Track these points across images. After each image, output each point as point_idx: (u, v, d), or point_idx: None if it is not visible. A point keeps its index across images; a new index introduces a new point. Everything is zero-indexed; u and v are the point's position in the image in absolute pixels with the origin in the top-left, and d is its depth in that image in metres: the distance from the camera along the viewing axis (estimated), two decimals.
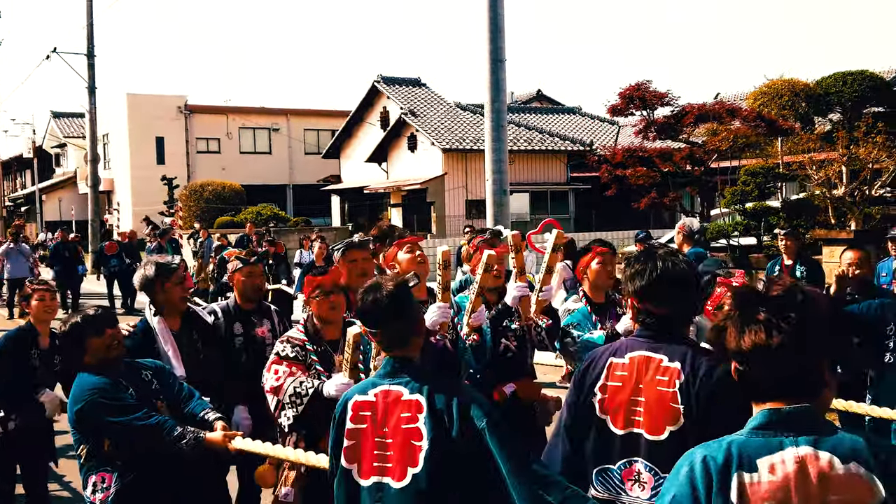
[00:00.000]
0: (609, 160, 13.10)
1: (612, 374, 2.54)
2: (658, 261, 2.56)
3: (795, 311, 1.71)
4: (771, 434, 1.70)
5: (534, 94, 37.27)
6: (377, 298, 2.64)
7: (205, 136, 35.67)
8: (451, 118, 26.94)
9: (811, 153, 11.04)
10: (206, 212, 26.92)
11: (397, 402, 2.54)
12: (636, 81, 12.58)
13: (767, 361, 1.70)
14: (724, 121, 11.93)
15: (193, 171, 34.52)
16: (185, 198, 27.94)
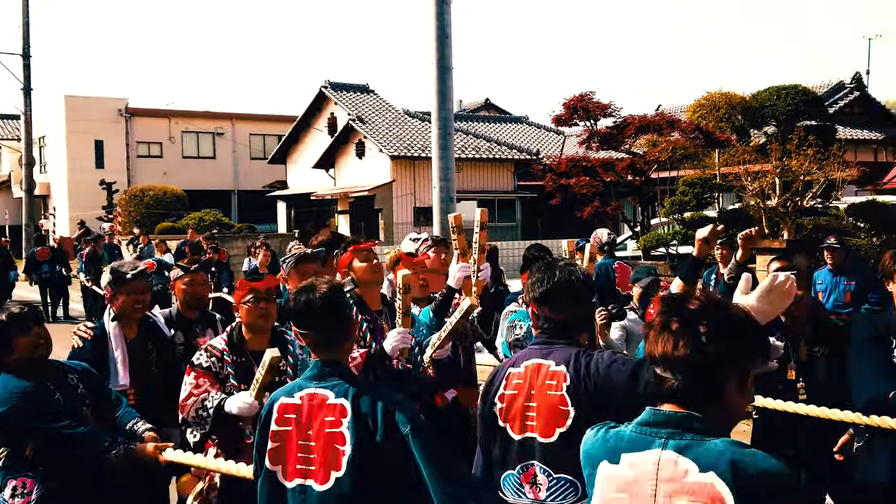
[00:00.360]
0: (554, 169, 13.32)
1: (510, 383, 2.68)
2: (556, 270, 2.73)
3: (706, 321, 1.78)
4: (647, 432, 1.79)
5: (482, 102, 37.57)
6: (309, 300, 2.64)
7: (146, 139, 34.99)
8: (400, 125, 26.99)
9: (747, 165, 11.41)
10: (147, 217, 26.42)
11: (322, 405, 2.55)
12: (580, 93, 12.86)
13: (671, 369, 1.78)
14: (664, 132, 12.25)
15: (134, 176, 33.82)
16: (124, 203, 27.38)
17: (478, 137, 27.34)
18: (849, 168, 11.36)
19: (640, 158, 12.57)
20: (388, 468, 2.50)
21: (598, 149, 13.25)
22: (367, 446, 2.49)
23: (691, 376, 1.77)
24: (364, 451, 2.48)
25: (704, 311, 1.80)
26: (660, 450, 1.76)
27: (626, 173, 12.46)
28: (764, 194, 10.62)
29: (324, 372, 2.61)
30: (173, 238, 19.33)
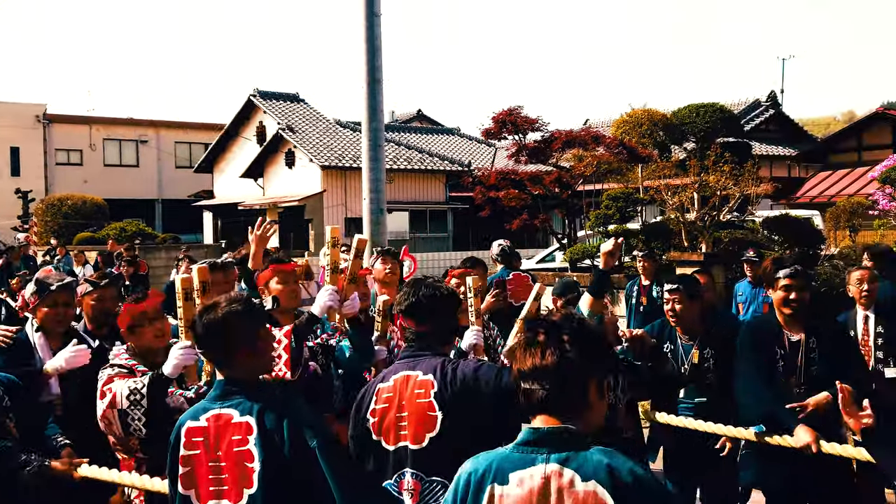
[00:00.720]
0: (483, 182, 13.51)
1: (380, 397, 2.84)
2: (422, 285, 3.01)
3: (567, 335, 1.92)
4: (529, 450, 1.90)
5: (414, 113, 37.71)
6: (209, 318, 2.63)
7: (65, 147, 33.91)
8: (331, 135, 26.88)
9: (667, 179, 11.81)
10: (65, 227, 25.53)
11: (228, 425, 2.55)
12: (509, 107, 13.09)
13: (539, 380, 1.90)
14: (590, 147, 12.59)
15: (52, 184, 32.73)
16: (41, 212, 26.37)
17: (410, 148, 27.45)
18: (763, 183, 11.86)
19: (566, 172, 12.88)
20: (299, 482, 2.53)
21: (526, 162, 13.50)
22: (276, 461, 2.51)
23: (560, 384, 1.89)
24: (274, 466, 2.50)
25: (565, 323, 1.95)
26: (544, 465, 1.86)
27: (553, 186, 12.73)
28: (683, 208, 11.03)
29: (227, 391, 2.60)
30: (92, 249, 18.80)
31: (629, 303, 8.78)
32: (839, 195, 21.21)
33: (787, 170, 26.55)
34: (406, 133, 31.24)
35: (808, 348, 4.17)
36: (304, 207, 25.17)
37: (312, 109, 28.48)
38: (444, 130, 33.97)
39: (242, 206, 26.95)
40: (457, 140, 32.62)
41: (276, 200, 25.85)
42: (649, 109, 15.05)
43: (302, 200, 24.86)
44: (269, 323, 3.67)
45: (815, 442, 3.80)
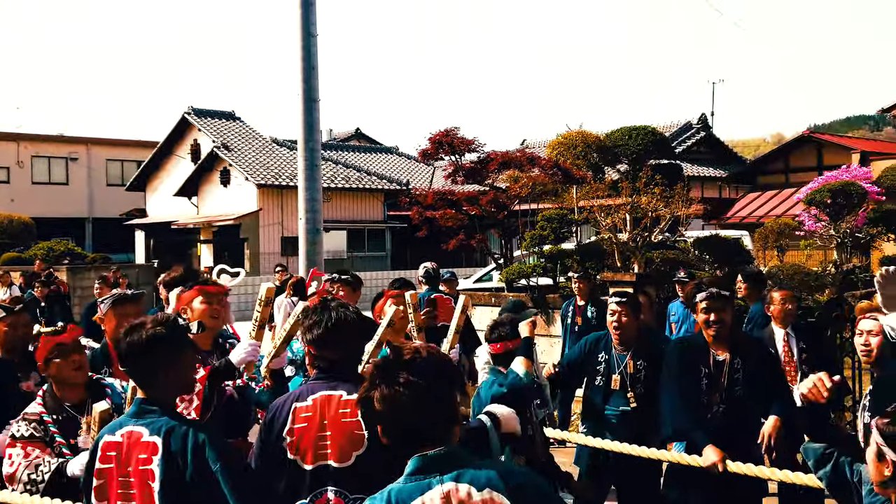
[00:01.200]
0: (420, 202, 13.51)
1: (298, 417, 2.83)
2: (332, 312, 2.96)
3: (420, 373, 2.03)
4: (422, 477, 1.99)
5: (353, 132, 37.61)
6: (133, 339, 2.73)
7: None
8: (267, 153, 26.60)
9: (600, 200, 11.99)
10: None
11: (137, 442, 2.65)
12: (445, 128, 13.13)
13: (407, 417, 2.02)
14: (525, 168, 12.70)
15: None
16: None
17: (348, 167, 27.34)
18: (694, 204, 12.14)
19: (502, 193, 12.97)
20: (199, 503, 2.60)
21: (463, 182, 13.55)
22: (176, 483, 2.58)
23: (427, 419, 2.02)
24: (173, 488, 2.57)
25: (420, 363, 2.06)
26: (440, 485, 1.97)
27: (489, 207, 12.80)
28: (616, 229, 11.20)
29: (142, 409, 2.71)
30: (17, 269, 18.14)
31: (564, 323, 8.84)
32: (768, 216, 21.86)
33: (718, 191, 27.29)
34: (344, 152, 31.13)
35: (732, 368, 4.32)
36: (240, 226, 24.81)
37: (248, 127, 28.17)
38: (383, 149, 33.97)
39: (176, 224, 26.42)
40: (395, 159, 32.64)
41: (211, 219, 25.41)
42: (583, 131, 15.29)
43: (237, 219, 24.50)
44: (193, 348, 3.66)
45: (722, 462, 3.93)
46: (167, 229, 27.13)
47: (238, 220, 24.53)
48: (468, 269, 20.34)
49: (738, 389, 4.29)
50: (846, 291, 9.67)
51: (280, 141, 27.67)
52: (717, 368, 4.33)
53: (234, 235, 25.14)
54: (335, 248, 24.86)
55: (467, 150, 13.37)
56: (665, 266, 10.97)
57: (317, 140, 11.97)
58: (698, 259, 11.51)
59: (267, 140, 27.59)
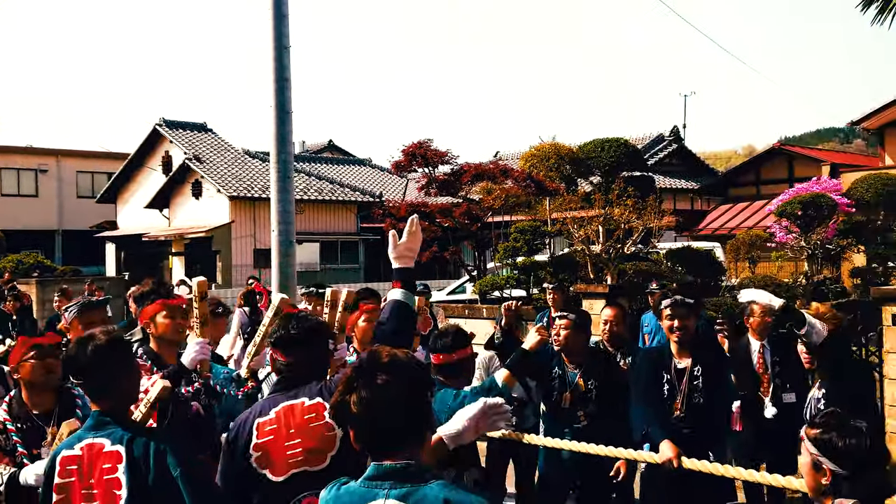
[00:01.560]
0: (393, 214, 13.47)
1: (262, 431, 2.82)
2: (295, 319, 3.05)
3: (398, 376, 2.06)
4: (373, 485, 2.03)
5: (325, 144, 37.51)
6: (83, 351, 2.77)
7: None
8: (239, 165, 26.42)
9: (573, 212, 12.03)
10: None
11: (100, 454, 2.66)
12: (419, 140, 13.14)
13: (381, 420, 2.04)
14: (498, 180, 12.73)
15: None
16: None
17: (321, 179, 27.22)
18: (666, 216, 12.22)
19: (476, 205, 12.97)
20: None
21: (436, 194, 13.54)
22: (141, 489, 2.62)
23: (409, 421, 2.06)
24: (139, 494, 2.61)
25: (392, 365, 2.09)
26: (383, 500, 2.00)
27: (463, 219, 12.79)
28: (589, 241, 11.23)
29: (100, 421, 2.73)
30: None
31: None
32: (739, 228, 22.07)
33: (690, 203, 27.52)
34: (317, 163, 31.02)
35: (691, 376, 4.43)
36: (212, 238, 24.58)
37: (220, 139, 27.97)
38: (356, 161, 33.89)
39: (147, 237, 26.12)
40: (368, 171, 32.57)
41: (183, 231, 25.16)
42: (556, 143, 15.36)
43: (209, 231, 24.28)
44: (151, 358, 3.72)
45: (677, 458, 4.02)
46: (138, 242, 26.81)
47: (210, 233, 24.30)
48: (441, 281, 20.28)
49: (696, 396, 4.39)
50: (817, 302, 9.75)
51: (252, 153, 27.50)
52: (677, 375, 4.45)
53: (207, 248, 24.89)
54: (308, 260, 24.70)
55: (440, 162, 13.37)
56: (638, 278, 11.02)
57: (289, 152, 11.86)
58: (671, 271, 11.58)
59: (239, 152, 27.41)
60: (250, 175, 25.86)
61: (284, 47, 11.79)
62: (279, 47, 11.73)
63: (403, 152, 13.33)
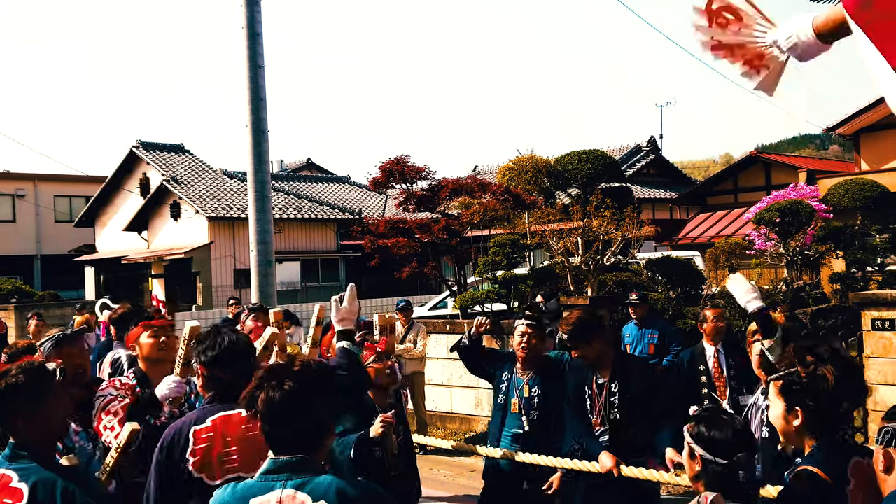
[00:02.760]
0: (372, 231, 13.40)
1: (199, 438, 2.95)
2: (224, 335, 3.16)
3: (303, 383, 2.29)
4: (271, 478, 2.25)
5: (304, 162, 37.44)
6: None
7: None
8: (217, 185, 26.29)
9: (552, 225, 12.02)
10: None
11: (5, 487, 2.61)
12: (396, 156, 13.10)
13: (283, 420, 2.27)
14: (477, 195, 12.71)
15: None
16: None
17: (299, 197, 27.13)
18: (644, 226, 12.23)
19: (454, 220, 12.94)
20: None
21: (414, 210, 13.49)
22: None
23: (308, 424, 2.30)
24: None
25: (301, 374, 2.32)
26: (280, 490, 2.23)
27: (442, 234, 12.75)
28: (568, 253, 11.22)
29: (15, 454, 2.70)
30: None
31: None
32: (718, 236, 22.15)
33: (669, 212, 27.64)
34: (295, 182, 30.91)
35: (609, 391, 4.53)
36: (192, 260, 24.39)
37: (198, 160, 27.83)
38: (335, 179, 33.82)
39: (126, 259, 25.90)
40: (347, 188, 32.51)
41: (162, 253, 24.96)
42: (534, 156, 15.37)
43: (189, 253, 24.10)
44: (138, 378, 3.83)
45: (616, 466, 4.29)
46: (117, 265, 26.58)
47: (189, 254, 24.12)
48: (423, 296, 20.20)
49: (614, 412, 4.49)
50: (797, 308, 9.79)
51: (230, 173, 27.37)
52: (598, 391, 4.57)
53: (186, 269, 24.69)
54: (288, 278, 24.57)
55: (418, 177, 13.34)
56: (618, 288, 11.00)
57: (266, 171, 11.81)
58: (651, 281, 11.58)
59: (217, 172, 27.29)
60: (229, 195, 25.74)
61: (259, 66, 11.78)
62: (254, 66, 11.71)
63: (381, 168, 13.29)
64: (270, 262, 11.95)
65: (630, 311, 8.65)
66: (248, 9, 11.52)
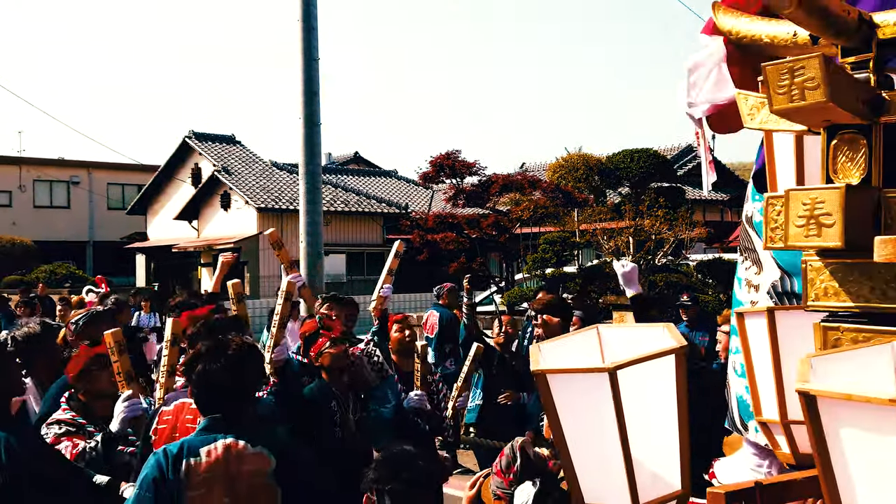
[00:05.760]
0: (421, 225, 13.44)
1: (161, 419, 3.32)
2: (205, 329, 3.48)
3: (233, 362, 2.73)
4: (211, 432, 2.69)
5: (351, 156, 37.65)
6: None
7: None
8: (267, 177, 26.60)
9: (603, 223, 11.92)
10: None
11: None
12: (447, 151, 13.12)
13: (214, 390, 2.74)
14: (526, 191, 12.67)
15: None
16: None
17: (347, 191, 27.31)
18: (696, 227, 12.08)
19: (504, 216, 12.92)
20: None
21: (463, 205, 13.50)
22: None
23: (235, 395, 2.75)
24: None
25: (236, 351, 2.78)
26: (223, 439, 2.67)
27: (490, 230, 12.74)
28: (619, 252, 11.13)
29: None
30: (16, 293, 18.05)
31: None
32: None
33: (720, 214, 27.18)
34: (343, 175, 31.12)
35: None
36: (240, 250, 24.73)
37: (248, 151, 28.19)
38: (382, 173, 33.95)
39: (176, 248, 26.36)
40: (394, 182, 32.61)
41: (211, 242, 25.36)
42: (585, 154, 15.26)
43: (237, 243, 24.44)
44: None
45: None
46: (168, 253, 27.07)
47: (238, 244, 24.46)
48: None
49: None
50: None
51: (280, 165, 27.68)
52: None
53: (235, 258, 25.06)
54: (334, 271, 24.76)
55: (468, 173, 13.34)
56: (668, 289, 10.89)
57: (318, 164, 11.91)
58: (701, 283, 11.43)
59: (267, 164, 27.61)
60: (278, 187, 26.03)
61: (313, 59, 11.86)
62: (308, 59, 11.78)
63: (431, 163, 13.32)
64: (320, 253, 12.06)
65: (681, 313, 8.53)
66: (303, 2, 11.62)
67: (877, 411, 0.97)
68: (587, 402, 1.31)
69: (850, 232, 1.24)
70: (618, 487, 1.32)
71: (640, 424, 1.32)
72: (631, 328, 1.48)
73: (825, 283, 1.35)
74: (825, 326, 1.35)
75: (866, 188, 1.30)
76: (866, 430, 1.00)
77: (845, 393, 1.01)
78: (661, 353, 1.33)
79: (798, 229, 1.29)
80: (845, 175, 1.33)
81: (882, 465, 0.99)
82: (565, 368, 1.34)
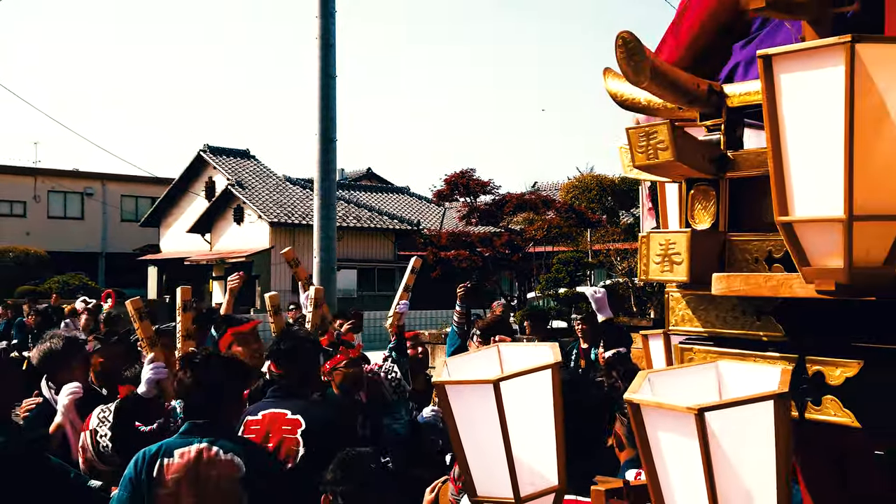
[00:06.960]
0: (434, 242, 13.51)
1: (248, 428, 3.37)
2: (287, 335, 3.62)
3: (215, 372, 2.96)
4: (189, 436, 2.86)
5: (364, 172, 37.81)
6: None
7: (8, 198, 33.02)
8: (280, 191, 26.77)
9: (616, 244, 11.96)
10: (4, 280, 24.77)
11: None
12: (461, 170, 13.21)
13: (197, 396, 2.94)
14: (540, 211, 12.74)
15: None
16: None
17: (359, 206, 27.44)
18: None
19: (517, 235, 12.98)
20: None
21: (477, 223, 13.58)
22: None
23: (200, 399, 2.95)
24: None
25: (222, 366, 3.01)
26: (198, 444, 2.84)
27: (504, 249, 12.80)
28: (632, 273, 11.16)
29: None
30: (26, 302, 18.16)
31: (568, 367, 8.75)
32: None
33: None
34: (356, 191, 31.27)
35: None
36: (252, 263, 24.86)
37: (262, 166, 28.38)
38: (394, 189, 34.09)
39: (189, 261, 26.52)
40: (406, 199, 32.73)
41: (224, 256, 25.50)
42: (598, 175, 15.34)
43: (250, 256, 24.58)
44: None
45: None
46: (180, 265, 27.22)
47: (250, 258, 24.59)
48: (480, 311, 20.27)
49: None
50: None
51: (293, 179, 27.85)
52: None
53: (247, 272, 25.13)
54: (346, 286, 24.83)
55: (482, 191, 13.42)
56: None
57: (332, 181, 12.01)
58: None
59: (280, 178, 27.79)
60: (291, 201, 26.18)
61: (330, 76, 11.98)
62: (325, 76, 11.91)
63: (445, 181, 13.41)
64: (333, 268, 12.14)
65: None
66: (322, 20, 11.74)
67: (680, 418, 1.16)
68: (477, 410, 1.52)
69: (697, 269, 1.48)
70: (503, 482, 1.55)
71: (522, 428, 1.54)
72: (527, 346, 1.69)
73: (682, 311, 1.60)
74: (682, 347, 1.60)
75: (714, 232, 1.54)
76: (678, 434, 1.18)
77: (656, 402, 1.21)
78: (539, 368, 1.55)
79: (656, 265, 1.53)
80: (700, 220, 1.56)
81: (687, 466, 1.18)
82: (459, 380, 1.55)
